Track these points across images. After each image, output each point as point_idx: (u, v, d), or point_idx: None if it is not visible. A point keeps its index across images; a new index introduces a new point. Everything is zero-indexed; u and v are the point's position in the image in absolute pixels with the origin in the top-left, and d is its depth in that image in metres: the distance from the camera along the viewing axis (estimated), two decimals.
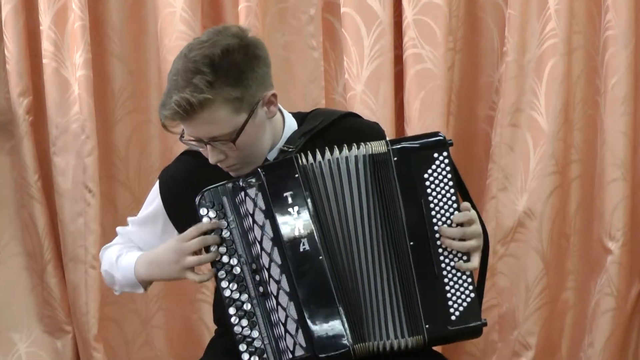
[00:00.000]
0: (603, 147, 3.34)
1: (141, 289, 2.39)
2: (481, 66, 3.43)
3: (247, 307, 2.18)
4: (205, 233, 2.20)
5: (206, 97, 2.11)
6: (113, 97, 3.46)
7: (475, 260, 2.21)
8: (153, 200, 2.40)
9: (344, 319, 2.13)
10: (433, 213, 2.18)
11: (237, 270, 2.19)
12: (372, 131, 2.33)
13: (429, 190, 2.18)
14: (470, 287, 2.18)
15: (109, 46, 3.44)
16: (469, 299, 2.18)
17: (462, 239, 2.19)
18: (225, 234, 2.19)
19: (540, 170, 3.34)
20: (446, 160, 2.18)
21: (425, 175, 2.18)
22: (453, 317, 2.17)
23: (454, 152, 2.35)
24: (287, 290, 2.14)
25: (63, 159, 3.43)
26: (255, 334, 2.18)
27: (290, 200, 2.14)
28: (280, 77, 3.25)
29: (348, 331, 2.13)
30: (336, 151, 2.18)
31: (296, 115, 2.36)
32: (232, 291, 2.19)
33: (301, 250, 2.14)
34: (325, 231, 2.16)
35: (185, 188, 2.28)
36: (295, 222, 2.14)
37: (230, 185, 2.19)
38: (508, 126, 3.35)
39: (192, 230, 2.21)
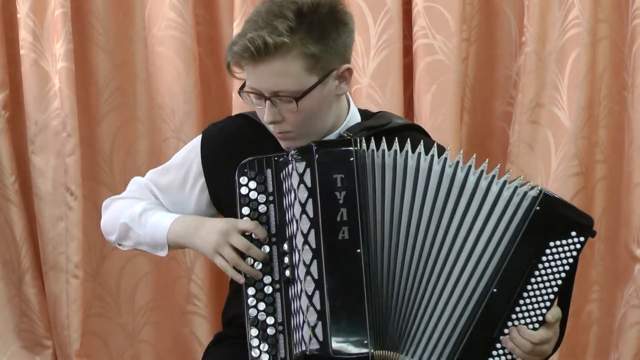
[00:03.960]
0: (631, 146, 3.29)
1: (164, 251, 2.32)
2: (498, 58, 3.39)
3: (268, 290, 2.16)
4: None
5: (284, 40, 2.08)
6: (97, 92, 3.44)
7: None
8: (185, 160, 2.32)
9: (369, 321, 2.09)
10: (533, 280, 2.12)
11: (266, 249, 2.17)
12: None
13: (544, 258, 2.11)
14: None
15: (93, 36, 3.42)
16: None
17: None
18: (262, 209, 2.17)
19: (563, 171, 3.29)
20: (578, 246, 2.12)
21: (551, 244, 2.11)
22: None
23: (469, 151, 2.25)
24: (316, 277, 2.10)
25: (42, 158, 3.40)
26: (270, 320, 2.15)
27: (339, 183, 2.11)
28: None
29: (369, 334, 2.09)
30: (397, 144, 2.13)
31: (362, 111, 2.34)
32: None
33: (339, 238, 2.10)
34: (369, 226, 2.12)
35: (232, 147, 2.25)
36: (340, 208, 2.10)
37: (277, 157, 2.18)
38: (527, 123, 3.31)
39: (246, 223, 2.17)
